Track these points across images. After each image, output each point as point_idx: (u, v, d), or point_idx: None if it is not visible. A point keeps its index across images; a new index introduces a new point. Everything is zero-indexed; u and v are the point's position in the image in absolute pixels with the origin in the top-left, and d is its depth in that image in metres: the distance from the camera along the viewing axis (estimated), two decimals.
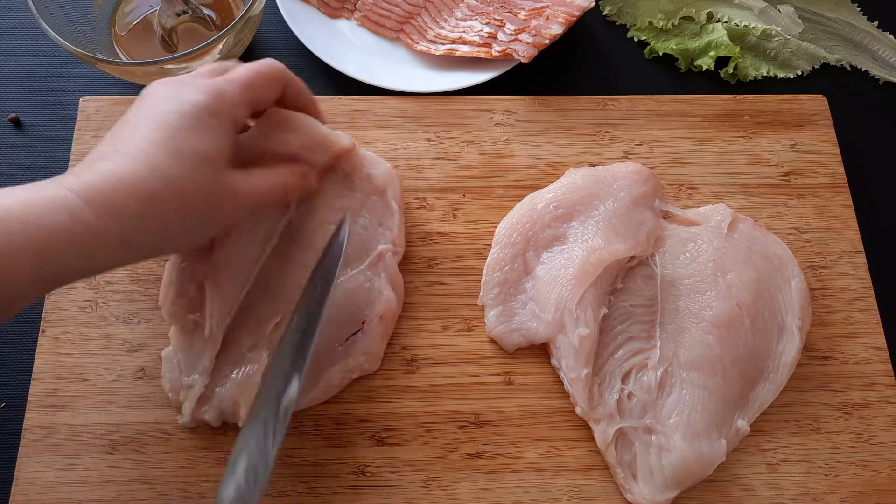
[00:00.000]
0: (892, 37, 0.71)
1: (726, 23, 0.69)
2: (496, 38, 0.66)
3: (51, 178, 0.39)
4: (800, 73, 0.70)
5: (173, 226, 0.41)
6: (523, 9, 0.66)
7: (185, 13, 0.66)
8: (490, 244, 0.56)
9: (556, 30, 0.64)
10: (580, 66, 0.70)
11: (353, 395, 0.52)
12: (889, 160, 0.67)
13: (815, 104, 0.64)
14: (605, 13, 0.72)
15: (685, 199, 0.60)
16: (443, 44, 0.67)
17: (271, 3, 0.68)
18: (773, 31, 0.69)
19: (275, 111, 0.50)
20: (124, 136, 0.41)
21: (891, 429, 0.53)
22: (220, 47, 0.60)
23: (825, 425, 0.53)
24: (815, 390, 0.54)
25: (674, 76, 0.70)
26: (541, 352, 0.54)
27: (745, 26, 0.69)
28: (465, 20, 0.68)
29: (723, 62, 0.69)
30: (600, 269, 0.52)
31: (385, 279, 0.52)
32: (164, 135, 0.40)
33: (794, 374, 0.53)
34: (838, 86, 0.70)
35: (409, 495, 0.50)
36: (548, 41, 0.64)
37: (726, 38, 0.67)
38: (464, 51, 0.66)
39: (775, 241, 0.56)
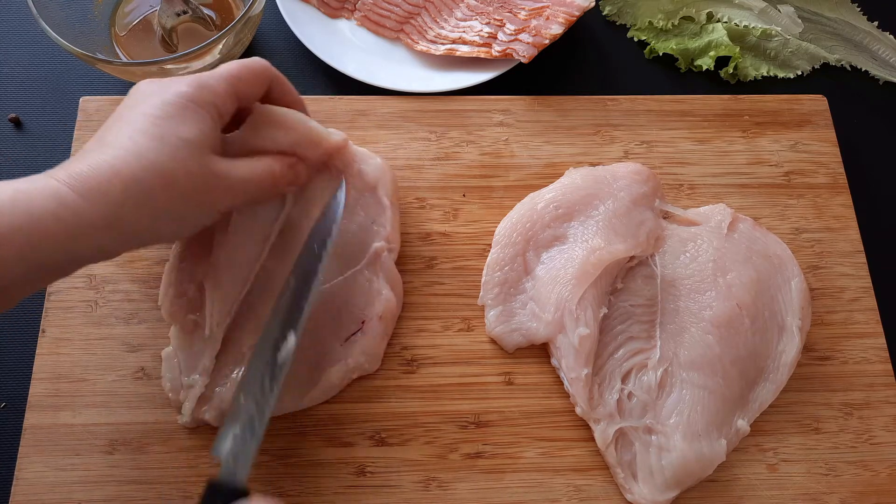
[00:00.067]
0: (892, 37, 0.71)
1: (726, 23, 0.69)
2: (496, 38, 0.66)
3: (42, 173, 0.41)
4: (800, 73, 0.70)
5: (161, 211, 0.42)
6: (523, 9, 0.66)
7: (185, 13, 0.66)
8: (490, 244, 0.56)
9: (556, 30, 0.64)
10: (580, 66, 0.70)
11: (353, 395, 0.52)
12: (889, 160, 0.67)
13: (815, 104, 0.64)
14: (605, 13, 0.72)
15: (685, 199, 0.60)
16: (443, 44, 0.67)
17: (271, 3, 0.68)
18: (773, 31, 0.69)
19: (265, 108, 0.50)
20: (111, 129, 0.43)
21: (891, 429, 0.53)
22: (220, 47, 0.60)
23: (825, 425, 0.53)
24: (815, 390, 0.54)
25: (674, 76, 0.70)
26: (541, 352, 0.54)
27: (745, 26, 0.69)
28: (465, 20, 0.68)
29: (723, 62, 0.69)
30: (600, 269, 0.52)
31: (383, 279, 0.52)
32: (148, 123, 0.42)
33: (794, 374, 0.53)
34: (838, 86, 0.70)
35: (409, 495, 0.50)
36: (548, 41, 0.64)
37: (726, 38, 0.67)
38: (464, 51, 0.66)
39: (775, 241, 0.56)
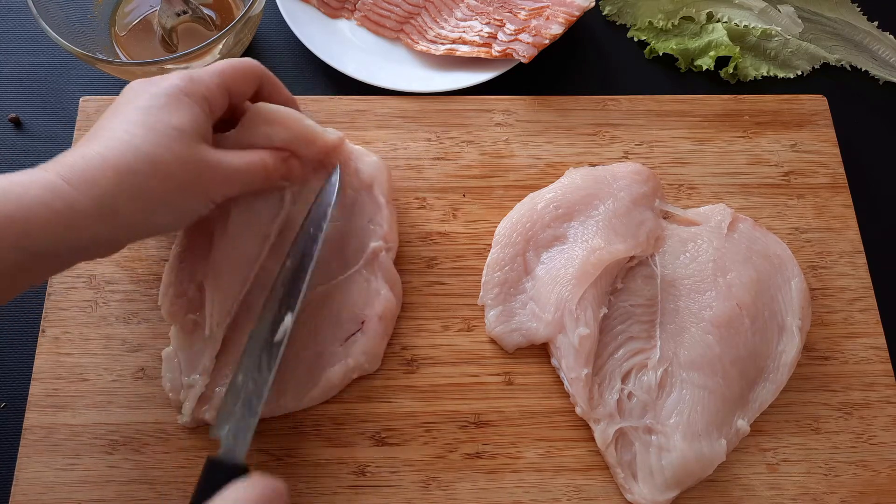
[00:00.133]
0: (892, 37, 0.71)
1: (726, 23, 0.69)
2: (496, 38, 0.66)
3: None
4: (800, 73, 0.70)
5: (153, 199, 0.42)
6: (523, 9, 0.66)
7: (185, 13, 0.66)
8: (490, 244, 0.56)
9: (556, 30, 0.64)
10: (580, 66, 0.70)
11: (353, 395, 0.52)
12: (889, 160, 0.67)
13: (815, 104, 0.64)
14: (605, 13, 0.72)
15: (685, 199, 0.60)
16: (443, 44, 0.67)
17: (271, 3, 0.68)
18: (773, 31, 0.69)
19: (260, 106, 0.50)
20: (104, 123, 0.44)
21: (891, 429, 0.53)
22: (220, 47, 0.60)
23: (825, 425, 0.53)
24: (815, 390, 0.54)
25: (674, 76, 0.70)
26: (541, 352, 0.54)
27: (745, 26, 0.69)
28: (465, 20, 0.68)
29: (723, 62, 0.69)
30: (600, 269, 0.52)
31: (382, 278, 0.52)
32: (139, 115, 0.43)
33: (794, 374, 0.53)
34: (838, 86, 0.70)
35: (409, 495, 0.50)
36: (548, 41, 0.64)
37: (726, 38, 0.67)
38: (464, 51, 0.66)
39: (775, 241, 0.56)
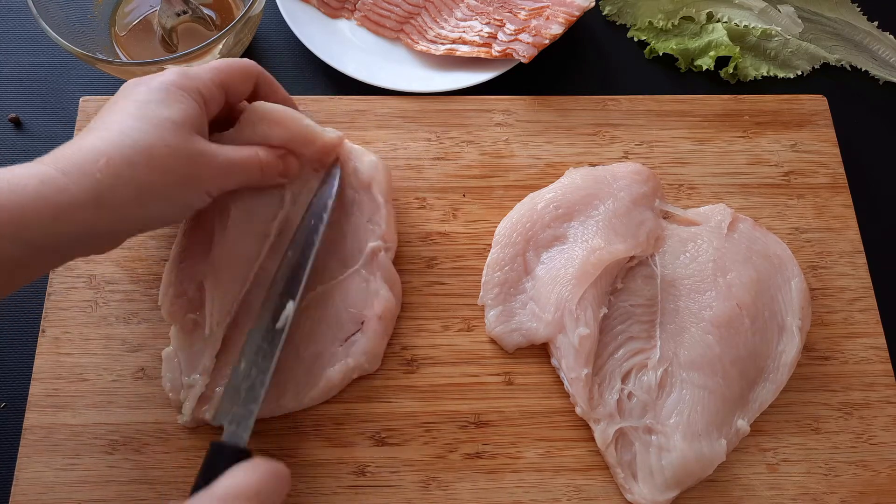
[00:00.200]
0: (892, 37, 0.71)
1: (726, 23, 0.69)
2: (496, 38, 0.66)
3: None
4: (800, 73, 0.70)
5: (148, 189, 0.42)
6: (523, 9, 0.66)
7: (185, 13, 0.66)
8: (490, 244, 0.56)
9: (556, 30, 0.64)
10: (580, 66, 0.70)
11: (353, 395, 0.52)
12: (889, 160, 0.67)
13: (815, 104, 0.64)
14: (605, 13, 0.72)
15: (685, 199, 0.60)
16: (443, 44, 0.67)
17: (271, 3, 0.68)
18: (773, 31, 0.69)
19: (258, 105, 0.50)
20: (99, 118, 0.45)
21: (891, 429, 0.53)
22: (220, 47, 0.60)
23: (825, 425, 0.53)
24: (815, 390, 0.54)
25: (674, 76, 0.70)
26: (541, 352, 0.54)
27: (745, 26, 0.69)
28: (465, 20, 0.68)
29: (723, 62, 0.69)
30: (600, 269, 0.52)
31: (381, 278, 0.52)
32: (134, 108, 0.44)
33: (794, 374, 0.53)
34: (838, 86, 0.70)
35: (409, 495, 0.50)
36: (548, 41, 0.64)
37: (726, 38, 0.67)
38: (464, 51, 0.66)
39: (775, 241, 0.56)
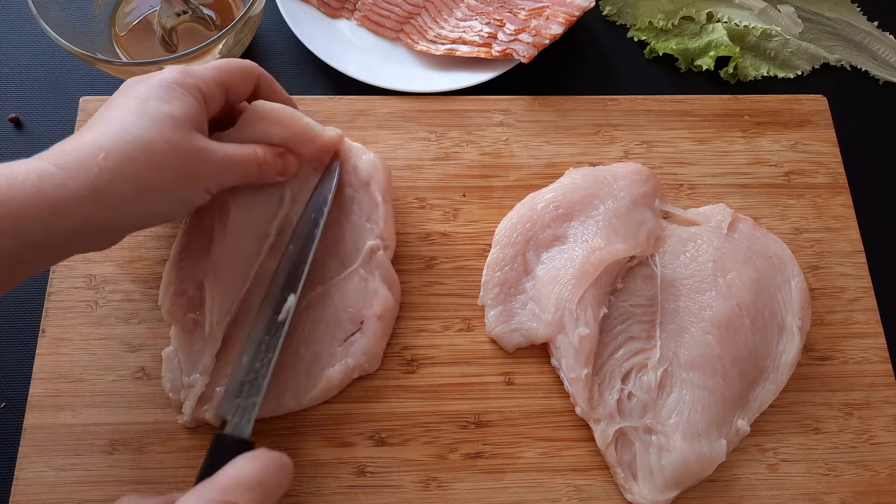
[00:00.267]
0: (892, 37, 0.71)
1: (726, 23, 0.69)
2: (496, 38, 0.66)
3: None
4: (800, 73, 0.70)
5: (145, 183, 0.42)
6: (523, 9, 0.66)
7: (185, 13, 0.66)
8: (490, 244, 0.56)
9: (556, 30, 0.64)
10: (580, 66, 0.70)
11: (353, 395, 0.52)
12: (889, 160, 0.67)
13: (815, 104, 0.64)
14: (605, 13, 0.72)
15: (685, 199, 0.60)
16: (443, 44, 0.67)
17: (271, 3, 0.68)
18: (773, 31, 0.69)
19: (258, 104, 0.50)
20: (100, 114, 0.45)
21: (891, 429, 0.53)
22: (220, 47, 0.60)
23: (825, 425, 0.53)
24: (815, 390, 0.54)
25: (674, 76, 0.70)
26: (541, 352, 0.54)
27: (745, 26, 0.69)
28: (465, 20, 0.68)
29: (723, 62, 0.69)
30: (600, 269, 0.52)
31: (379, 277, 0.52)
32: (133, 104, 0.44)
33: (794, 374, 0.53)
34: (838, 86, 0.70)
35: (409, 495, 0.50)
36: (548, 41, 0.64)
37: (726, 38, 0.67)
38: (464, 51, 0.66)
39: (775, 241, 0.56)
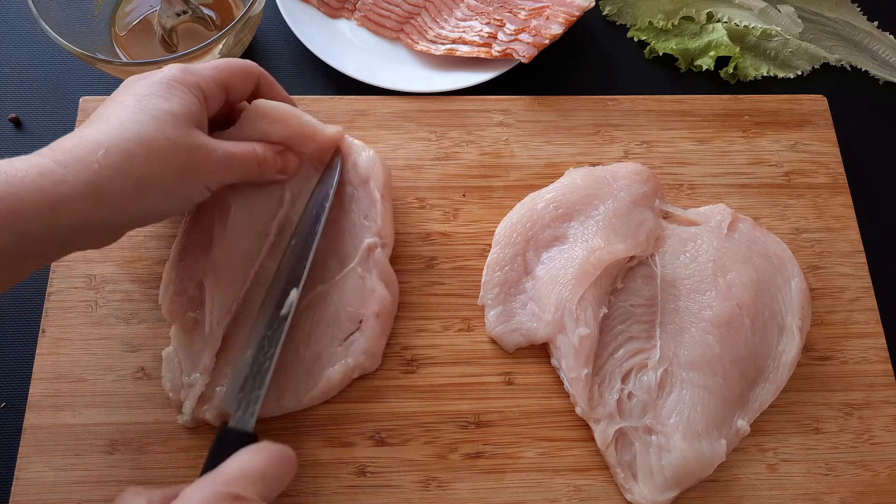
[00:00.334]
0: (892, 37, 0.71)
1: (726, 23, 0.69)
2: (496, 38, 0.66)
3: None
4: (800, 73, 0.70)
5: (144, 179, 0.43)
6: (523, 9, 0.66)
7: (185, 13, 0.66)
8: (490, 244, 0.56)
9: (556, 30, 0.64)
10: (580, 66, 0.70)
11: (353, 395, 0.52)
12: (889, 160, 0.67)
13: (815, 104, 0.64)
14: (605, 13, 0.72)
15: (685, 199, 0.60)
16: (443, 44, 0.67)
17: (271, 3, 0.68)
18: (773, 31, 0.69)
19: (258, 103, 0.51)
20: (100, 110, 0.45)
21: (891, 429, 0.53)
22: (220, 47, 0.60)
23: (825, 425, 0.53)
24: (815, 390, 0.54)
25: (674, 76, 0.70)
26: (541, 352, 0.54)
27: (745, 26, 0.69)
28: (465, 20, 0.68)
29: (723, 62, 0.69)
30: (600, 269, 0.52)
31: (377, 275, 0.52)
32: (133, 101, 0.44)
33: (794, 374, 0.53)
34: (838, 86, 0.70)
35: (409, 495, 0.50)
36: (548, 41, 0.64)
37: (726, 38, 0.67)
38: (464, 51, 0.66)
39: (775, 241, 0.56)
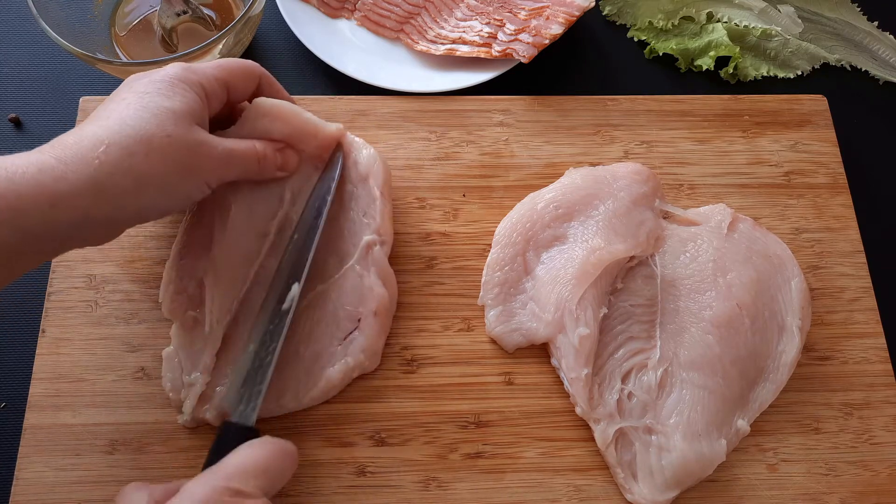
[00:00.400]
0: (892, 37, 0.71)
1: (726, 23, 0.69)
2: (496, 38, 0.66)
3: None
4: (800, 73, 0.70)
5: (146, 177, 0.43)
6: (523, 9, 0.66)
7: (185, 13, 0.66)
8: (490, 244, 0.56)
9: (556, 30, 0.64)
10: (580, 66, 0.70)
11: (353, 395, 0.52)
12: (889, 160, 0.67)
13: (815, 104, 0.64)
14: (605, 13, 0.72)
15: (685, 199, 0.60)
16: (443, 44, 0.67)
17: (271, 3, 0.68)
18: (773, 31, 0.69)
19: (259, 101, 0.51)
20: (101, 108, 0.45)
21: (891, 429, 0.53)
22: (220, 47, 0.60)
23: (825, 425, 0.53)
24: (815, 390, 0.54)
25: (674, 76, 0.70)
26: (541, 352, 0.54)
27: (745, 26, 0.69)
28: (465, 20, 0.68)
29: (723, 62, 0.69)
30: (600, 269, 0.52)
31: (375, 274, 0.52)
32: (134, 98, 0.44)
33: (794, 374, 0.53)
34: (838, 86, 0.70)
35: (409, 495, 0.50)
36: (548, 41, 0.64)
37: (726, 38, 0.67)
38: (464, 51, 0.66)
39: (775, 241, 0.56)
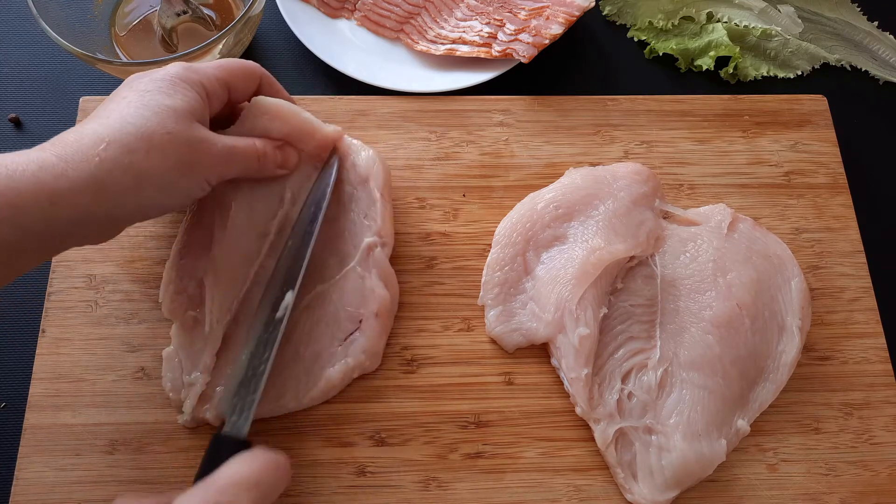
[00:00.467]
0: (892, 37, 0.71)
1: (726, 23, 0.69)
2: (496, 38, 0.66)
3: None
4: (800, 73, 0.70)
5: (144, 174, 0.43)
6: (523, 9, 0.66)
7: (185, 13, 0.66)
8: (490, 244, 0.56)
9: (556, 30, 0.64)
10: (580, 66, 0.70)
11: (353, 395, 0.52)
12: (889, 160, 0.67)
13: (815, 104, 0.64)
14: (605, 13, 0.72)
15: (685, 199, 0.60)
16: (443, 44, 0.67)
17: (271, 3, 0.68)
18: (773, 31, 0.69)
19: (258, 100, 0.51)
20: (102, 108, 0.45)
21: (891, 429, 0.53)
22: (220, 47, 0.60)
23: (825, 425, 0.53)
24: (815, 390, 0.54)
25: (674, 76, 0.70)
26: (541, 352, 0.54)
27: (745, 26, 0.69)
28: (465, 20, 0.68)
29: (723, 62, 0.69)
30: (600, 269, 0.52)
31: (376, 275, 0.52)
32: (135, 96, 0.45)
33: (794, 374, 0.53)
34: (838, 86, 0.70)
35: (409, 495, 0.50)
36: (548, 41, 0.64)
37: (726, 38, 0.67)
38: (464, 51, 0.66)
39: (775, 241, 0.56)
